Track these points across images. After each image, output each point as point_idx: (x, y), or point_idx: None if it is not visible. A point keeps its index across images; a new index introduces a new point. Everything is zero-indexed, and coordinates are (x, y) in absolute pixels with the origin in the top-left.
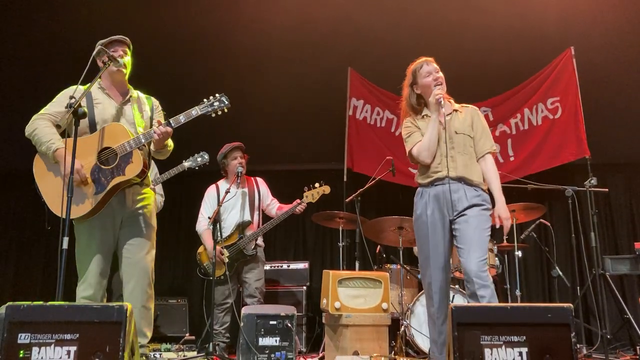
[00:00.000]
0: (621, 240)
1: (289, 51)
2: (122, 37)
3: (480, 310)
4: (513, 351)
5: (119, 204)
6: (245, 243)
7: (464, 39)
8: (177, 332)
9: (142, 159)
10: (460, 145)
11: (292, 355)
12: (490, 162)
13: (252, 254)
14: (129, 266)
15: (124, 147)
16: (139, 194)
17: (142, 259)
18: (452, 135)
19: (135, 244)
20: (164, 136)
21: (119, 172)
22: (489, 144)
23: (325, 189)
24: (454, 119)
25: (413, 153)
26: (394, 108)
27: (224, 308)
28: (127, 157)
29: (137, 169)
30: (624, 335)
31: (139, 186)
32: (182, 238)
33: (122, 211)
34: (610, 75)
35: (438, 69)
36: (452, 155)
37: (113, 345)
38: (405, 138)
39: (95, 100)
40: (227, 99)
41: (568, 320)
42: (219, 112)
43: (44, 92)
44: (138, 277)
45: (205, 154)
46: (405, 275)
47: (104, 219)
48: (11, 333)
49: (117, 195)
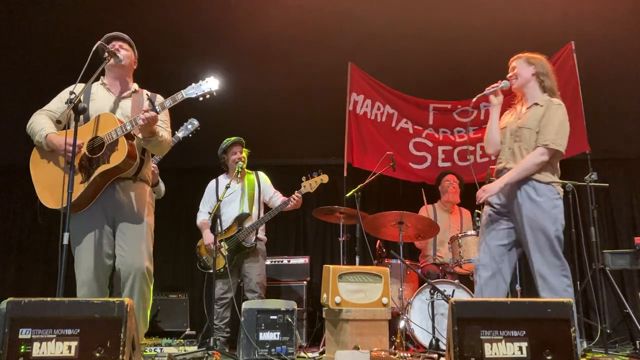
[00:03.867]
0: (621, 235)
1: (288, 46)
2: (119, 34)
3: (480, 305)
4: (513, 346)
5: (109, 199)
6: (244, 235)
7: (464, 34)
8: (177, 327)
9: (126, 147)
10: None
11: (293, 349)
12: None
13: (251, 246)
14: (124, 265)
15: (111, 135)
16: (132, 190)
17: (136, 259)
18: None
19: (130, 242)
20: (149, 121)
21: (104, 160)
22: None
23: (323, 178)
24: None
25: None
26: (394, 103)
27: (224, 303)
28: (113, 145)
29: (121, 156)
30: (624, 329)
31: (132, 181)
32: (182, 233)
33: (113, 206)
34: (610, 70)
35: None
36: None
37: (114, 340)
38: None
39: (92, 95)
40: (214, 82)
41: (568, 315)
42: (207, 96)
43: (44, 91)
44: (134, 276)
45: (194, 120)
46: (405, 270)
47: (94, 214)
48: (12, 328)
49: (106, 190)
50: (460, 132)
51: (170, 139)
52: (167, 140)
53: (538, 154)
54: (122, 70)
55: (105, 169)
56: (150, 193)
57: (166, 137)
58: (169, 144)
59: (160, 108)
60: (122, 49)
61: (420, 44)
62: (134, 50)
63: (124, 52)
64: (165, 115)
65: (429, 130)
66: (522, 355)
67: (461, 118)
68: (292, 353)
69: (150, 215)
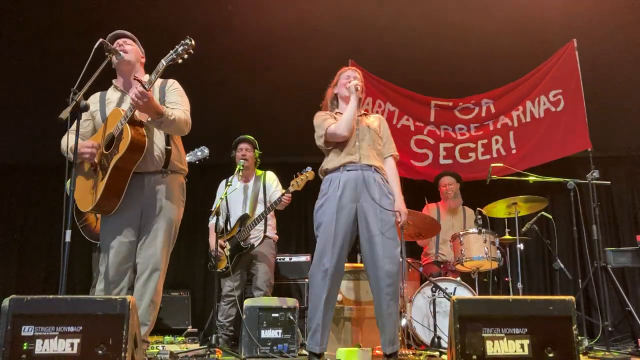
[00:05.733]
0: (623, 233)
1: (289, 44)
2: (122, 31)
3: (482, 302)
4: (515, 343)
5: (138, 195)
6: (243, 236)
7: (466, 31)
8: (179, 324)
9: (130, 132)
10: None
11: (295, 347)
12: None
13: (247, 247)
14: (142, 258)
15: (117, 127)
16: (161, 184)
17: (155, 253)
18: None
19: (150, 236)
20: (140, 98)
21: (115, 151)
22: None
23: (308, 175)
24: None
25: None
26: (395, 100)
27: (230, 300)
28: (120, 135)
29: (126, 142)
30: (626, 327)
31: (161, 175)
32: (184, 231)
33: (143, 203)
34: (612, 67)
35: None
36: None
37: (116, 337)
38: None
39: (107, 100)
40: (190, 39)
41: (570, 312)
42: (185, 56)
43: (44, 91)
44: (150, 270)
45: (205, 148)
46: (406, 268)
47: (126, 218)
48: (15, 325)
49: (135, 186)
50: (461, 130)
51: (185, 118)
52: (182, 118)
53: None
54: (130, 67)
55: (117, 159)
56: (182, 184)
57: (178, 115)
58: (186, 123)
59: (148, 84)
60: (126, 44)
61: (421, 41)
62: (139, 45)
63: (129, 47)
64: (178, 96)
65: (430, 127)
66: (523, 352)
67: (463, 115)
68: (294, 351)
69: (177, 211)
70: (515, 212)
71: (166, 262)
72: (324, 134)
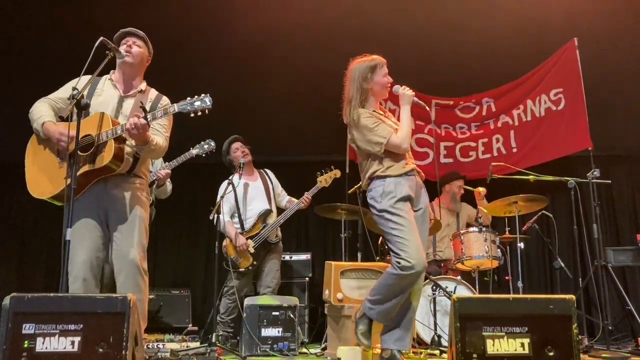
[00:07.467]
0: (623, 232)
1: (291, 42)
2: (134, 30)
3: (482, 301)
4: (515, 342)
5: (101, 192)
6: (268, 232)
7: (467, 29)
8: (179, 322)
9: (112, 152)
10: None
11: (295, 345)
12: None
13: (276, 242)
14: (117, 258)
15: (101, 136)
16: (125, 183)
17: (129, 251)
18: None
19: (122, 236)
20: (137, 128)
21: (89, 160)
22: None
23: (336, 173)
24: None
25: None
26: (396, 99)
27: (236, 298)
28: (101, 147)
29: (105, 160)
30: (626, 326)
31: (126, 176)
32: (184, 229)
33: (106, 200)
34: (613, 66)
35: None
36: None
37: (117, 335)
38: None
39: (98, 90)
40: (210, 99)
41: (570, 311)
42: (199, 113)
43: (44, 89)
44: (127, 269)
45: (211, 141)
46: None
47: (85, 207)
48: (16, 323)
49: (98, 183)
50: (462, 129)
51: (165, 145)
52: (162, 146)
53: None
54: (131, 68)
55: (87, 170)
56: (146, 188)
57: (160, 144)
58: (164, 150)
59: (152, 117)
60: (135, 45)
61: (422, 39)
62: (149, 46)
63: (136, 49)
64: (167, 119)
65: (431, 126)
66: (524, 351)
67: (463, 114)
68: (294, 349)
69: (144, 209)
70: (515, 210)
71: (144, 256)
72: (385, 143)
